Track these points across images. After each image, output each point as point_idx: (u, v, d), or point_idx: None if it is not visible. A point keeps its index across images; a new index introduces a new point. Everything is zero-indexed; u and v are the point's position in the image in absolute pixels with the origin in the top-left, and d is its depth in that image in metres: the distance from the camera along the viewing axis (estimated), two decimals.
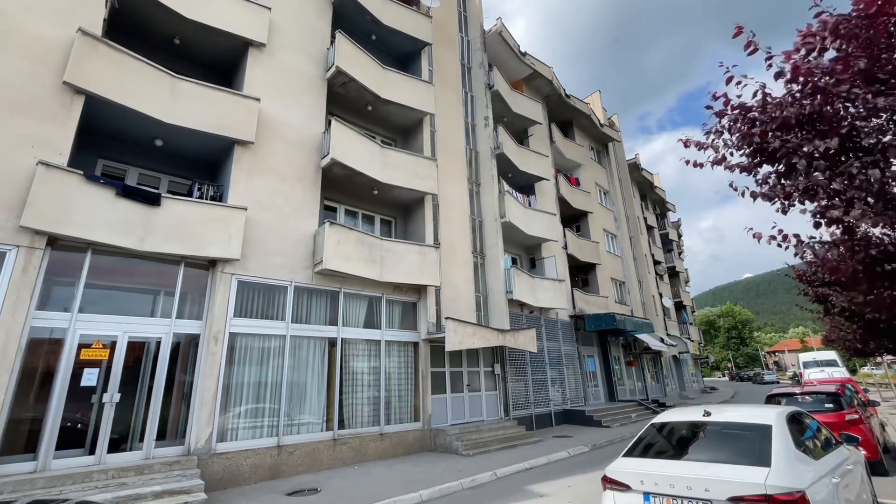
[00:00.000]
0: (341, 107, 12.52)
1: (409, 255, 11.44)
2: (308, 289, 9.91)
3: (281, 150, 10.26)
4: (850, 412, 7.41)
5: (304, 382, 9.36)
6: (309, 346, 9.66)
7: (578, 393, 16.98)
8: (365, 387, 10.35)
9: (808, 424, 4.49)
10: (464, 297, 13.48)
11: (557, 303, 16.18)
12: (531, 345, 13.27)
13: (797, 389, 8.25)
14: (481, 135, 16.26)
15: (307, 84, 11.25)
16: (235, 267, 8.79)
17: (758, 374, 52.31)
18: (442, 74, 15.71)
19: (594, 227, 22.18)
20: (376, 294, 11.14)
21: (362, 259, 10.38)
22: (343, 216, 12.05)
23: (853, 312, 7.70)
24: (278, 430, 8.64)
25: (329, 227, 9.87)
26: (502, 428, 12.16)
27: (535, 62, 19.76)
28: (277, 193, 9.89)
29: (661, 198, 36.93)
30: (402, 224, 13.34)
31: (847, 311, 7.83)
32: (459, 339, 11.08)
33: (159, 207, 8.03)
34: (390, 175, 11.83)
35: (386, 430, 10.30)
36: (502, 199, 15.16)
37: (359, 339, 10.56)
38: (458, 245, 13.94)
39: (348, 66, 11.58)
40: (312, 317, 9.92)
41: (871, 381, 32.56)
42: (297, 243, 9.88)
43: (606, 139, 26.40)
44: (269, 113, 10.28)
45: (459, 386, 12.47)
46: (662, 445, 4.10)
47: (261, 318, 9.02)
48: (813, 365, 19.99)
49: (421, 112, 13.33)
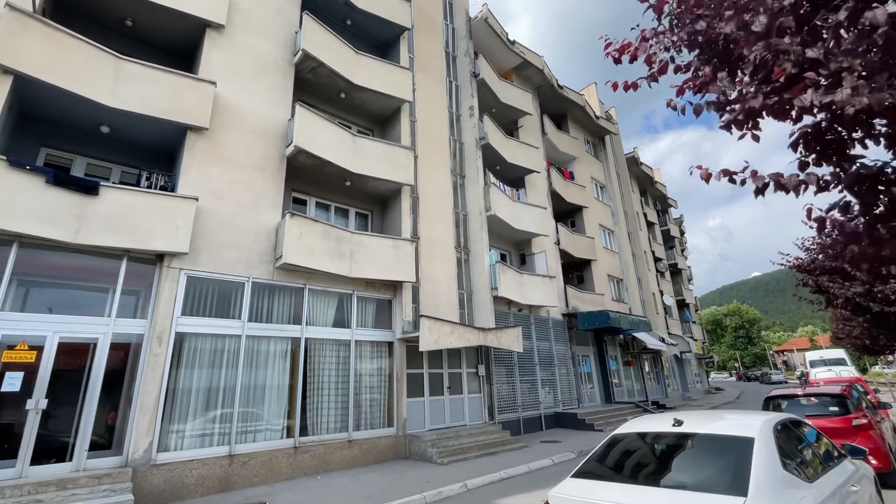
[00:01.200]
0: (312, 94, 11.87)
1: (381, 250, 10.75)
2: (269, 285, 9.23)
3: (241, 137, 9.60)
4: (857, 416, 6.60)
5: (262, 386, 8.67)
6: (269, 347, 8.97)
7: (571, 395, 16.17)
8: (332, 390, 9.65)
9: (804, 435, 3.73)
10: (445, 294, 12.75)
11: (548, 300, 15.40)
12: (516, 344, 12.52)
13: (799, 391, 7.44)
14: (466, 125, 15.55)
15: (272, 69, 10.59)
16: (184, 261, 8.13)
17: (765, 374, 51.04)
18: (424, 63, 15.02)
19: (590, 222, 21.37)
20: (346, 291, 10.45)
21: (328, 253, 9.70)
22: (313, 209, 11.37)
23: (857, 304, 6.92)
24: (231, 437, 7.95)
25: (290, 218, 9.20)
26: (484, 433, 11.40)
27: (524, 51, 19.02)
28: (235, 183, 9.23)
29: (662, 193, 35.98)
30: (378, 218, 12.64)
31: (850, 303, 7.05)
32: (435, 339, 10.35)
33: (97, 197, 7.38)
34: (363, 165, 11.14)
35: (355, 437, 9.59)
36: (487, 192, 14.43)
37: (326, 339, 9.87)
38: (439, 240, 13.22)
39: (317, 50, 10.92)
40: (274, 315, 9.24)
41: (882, 381, 31.41)
42: (257, 236, 9.21)
43: (603, 132, 25.58)
44: (228, 98, 9.63)
45: (439, 388, 11.74)
46: (620, 463, 3.36)
47: (213, 317, 8.35)
48: (820, 364, 19.04)
49: (398, 99, 12.64)
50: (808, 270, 7.93)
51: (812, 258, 8.00)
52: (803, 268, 8.10)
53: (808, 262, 8.04)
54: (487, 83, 16.43)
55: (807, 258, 8.17)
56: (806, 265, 8.05)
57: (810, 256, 8.05)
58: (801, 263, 8.23)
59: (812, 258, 8.00)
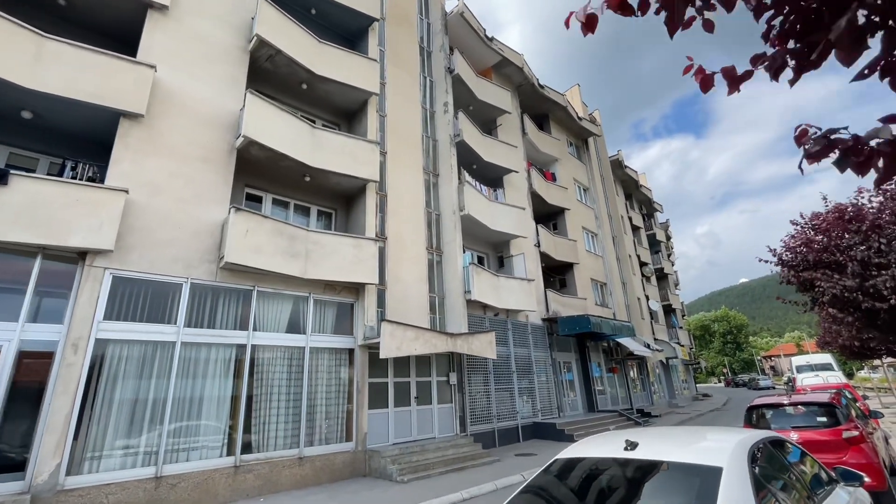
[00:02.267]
0: (271, 85, 11.15)
1: (341, 249, 9.99)
2: (212, 287, 8.42)
3: (185, 126, 8.84)
4: (848, 427, 5.97)
5: (199, 398, 7.82)
6: (209, 355, 8.14)
7: (551, 404, 15.44)
8: (283, 402, 8.82)
9: (787, 458, 3.05)
10: (415, 297, 12.01)
11: (526, 304, 14.72)
12: (489, 350, 11.79)
13: (784, 399, 6.80)
14: (441, 122, 14.93)
15: (223, 55, 9.87)
16: (110, 260, 7.31)
17: (753, 380, 50.77)
18: (397, 57, 14.40)
19: (572, 224, 20.81)
20: (302, 293, 9.66)
21: (279, 252, 8.92)
22: (269, 206, 10.60)
23: (847, 301, 6.32)
24: (158, 456, 7.09)
25: (234, 213, 8.43)
26: (454, 446, 10.62)
27: (502, 48, 18.52)
28: (176, 176, 8.44)
29: (648, 197, 35.68)
30: (343, 216, 11.89)
31: (839, 301, 6.44)
32: (397, 345, 9.60)
33: (6, 187, 6.57)
34: (323, 159, 10.42)
35: (307, 454, 8.75)
36: (461, 190, 13.77)
37: (277, 346, 9.06)
38: (409, 240, 12.50)
39: (273, 36, 10.22)
40: (217, 320, 8.42)
41: (868, 386, 31.18)
42: (198, 233, 8.41)
43: (586, 134, 25.16)
44: (171, 85, 8.88)
45: (406, 399, 10.95)
46: (558, 498, 2.65)
47: (143, 322, 7.51)
48: (807, 369, 18.55)
49: (364, 92, 11.97)
50: (793, 266, 7.34)
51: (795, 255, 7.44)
52: (788, 263, 7.51)
53: (792, 257, 7.48)
54: (464, 80, 15.86)
55: (790, 258, 7.64)
56: (791, 261, 7.47)
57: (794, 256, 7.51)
58: (787, 260, 7.65)
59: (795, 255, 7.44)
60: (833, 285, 6.19)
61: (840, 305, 6.68)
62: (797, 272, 7.14)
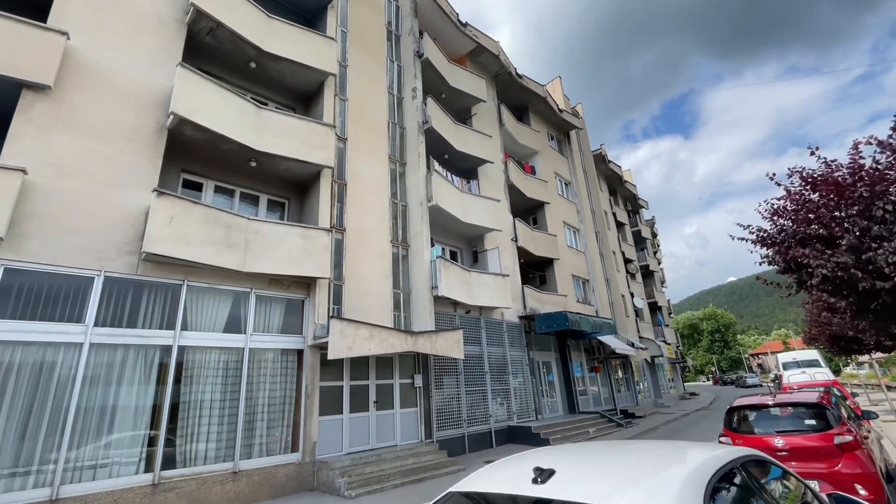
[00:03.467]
0: (215, 62, 10.23)
1: (288, 240, 9.09)
2: (133, 281, 7.46)
3: (104, 102, 7.88)
4: (840, 431, 5.22)
5: (111, 407, 6.85)
6: (127, 358, 7.18)
7: (527, 406, 14.63)
8: (215, 410, 7.87)
9: (762, 491, 2.22)
10: (376, 293, 11.12)
11: (500, 301, 13.90)
12: (456, 350, 10.94)
13: (769, 399, 6.04)
14: (409, 109, 14.08)
15: (154, 27, 8.92)
16: (1, 249, 6.33)
17: (740, 378, 50.59)
18: (362, 39, 13.53)
19: (552, 219, 20.07)
20: (243, 289, 8.74)
21: (212, 242, 7.99)
22: (211, 194, 9.65)
23: (841, 282, 5.50)
24: (55, 476, 6.11)
25: (157, 198, 7.48)
26: (415, 455, 9.74)
27: (477, 34, 17.74)
28: (91, 156, 7.48)
29: (633, 193, 35.15)
30: (297, 206, 10.97)
31: (830, 282, 5.62)
32: (348, 344, 8.71)
33: None
34: (269, 142, 9.51)
35: (244, 467, 7.82)
36: (430, 180, 12.92)
37: (211, 348, 8.11)
38: (371, 232, 11.62)
39: (212, 7, 9.31)
40: (139, 318, 7.46)
41: (855, 382, 30.90)
42: (118, 222, 7.45)
43: (568, 127, 24.47)
44: (90, 56, 7.92)
45: (364, 403, 10.05)
46: None
47: (41, 321, 6.53)
48: (793, 366, 17.96)
49: (320, 72, 11.08)
50: (776, 243, 6.44)
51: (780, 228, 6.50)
52: (770, 240, 6.59)
53: (777, 232, 6.56)
54: (435, 65, 15.02)
55: (773, 229, 6.67)
56: (773, 237, 6.55)
57: (778, 227, 6.56)
58: (767, 236, 6.73)
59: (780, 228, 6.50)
60: (824, 262, 5.36)
61: (832, 287, 5.84)
62: (783, 249, 6.24)
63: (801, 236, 5.98)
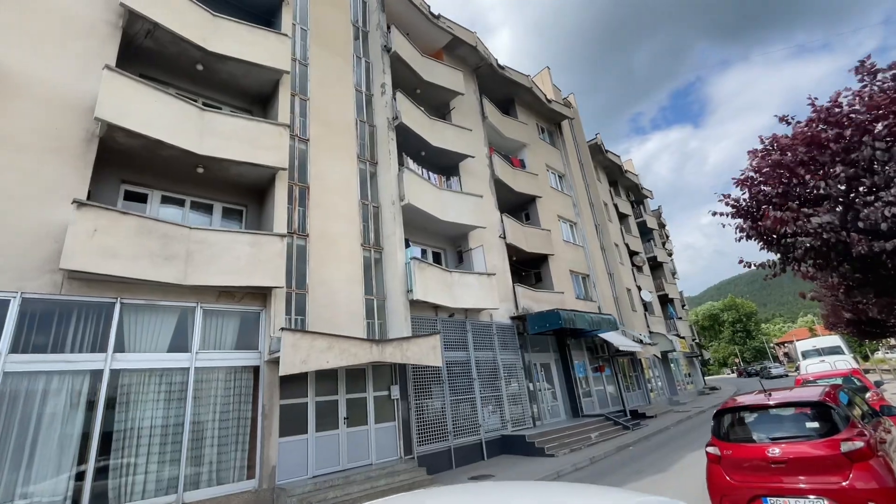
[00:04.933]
0: (159, 66, 9.71)
1: (235, 249, 8.43)
2: (56, 302, 6.87)
3: (25, 112, 7.37)
4: (848, 436, 4.28)
5: (29, 441, 6.23)
6: (49, 386, 6.56)
7: (523, 412, 13.70)
8: (156, 437, 7.21)
9: None
10: (344, 301, 10.40)
11: (487, 302, 13.06)
12: (431, 357, 10.13)
13: (762, 399, 5.11)
14: (378, 106, 13.42)
15: (83, 31, 8.41)
16: None
17: (765, 368, 48.38)
18: (323, 36, 12.96)
19: (545, 213, 19.16)
20: (189, 304, 8.09)
21: (145, 255, 7.36)
22: (157, 205, 9.07)
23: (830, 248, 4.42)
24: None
25: (77, 210, 6.89)
26: (389, 474, 8.94)
27: (452, 26, 17.05)
28: (8, 170, 6.95)
29: (635, 183, 33.93)
30: (255, 213, 10.35)
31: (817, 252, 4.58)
32: (302, 358, 7.98)
33: None
34: (215, 145, 8.91)
35: (190, 499, 7.12)
36: (401, 178, 12.20)
37: (150, 370, 7.47)
38: (338, 236, 10.93)
39: (146, 8, 8.78)
40: (66, 342, 6.86)
41: (885, 368, 29.01)
42: (38, 238, 6.88)
43: (559, 118, 23.57)
44: (8, 64, 7.44)
45: (333, 421, 9.30)
46: None
47: None
48: (813, 354, 16.63)
49: (274, 70, 10.49)
50: (748, 212, 5.46)
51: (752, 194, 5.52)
52: (742, 210, 5.61)
53: (750, 198, 5.55)
54: (405, 60, 14.36)
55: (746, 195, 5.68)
56: (746, 206, 5.56)
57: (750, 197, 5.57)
58: (739, 206, 5.75)
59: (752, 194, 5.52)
60: (803, 224, 4.32)
61: (821, 255, 4.74)
62: (754, 218, 5.22)
63: (771, 196, 4.99)
